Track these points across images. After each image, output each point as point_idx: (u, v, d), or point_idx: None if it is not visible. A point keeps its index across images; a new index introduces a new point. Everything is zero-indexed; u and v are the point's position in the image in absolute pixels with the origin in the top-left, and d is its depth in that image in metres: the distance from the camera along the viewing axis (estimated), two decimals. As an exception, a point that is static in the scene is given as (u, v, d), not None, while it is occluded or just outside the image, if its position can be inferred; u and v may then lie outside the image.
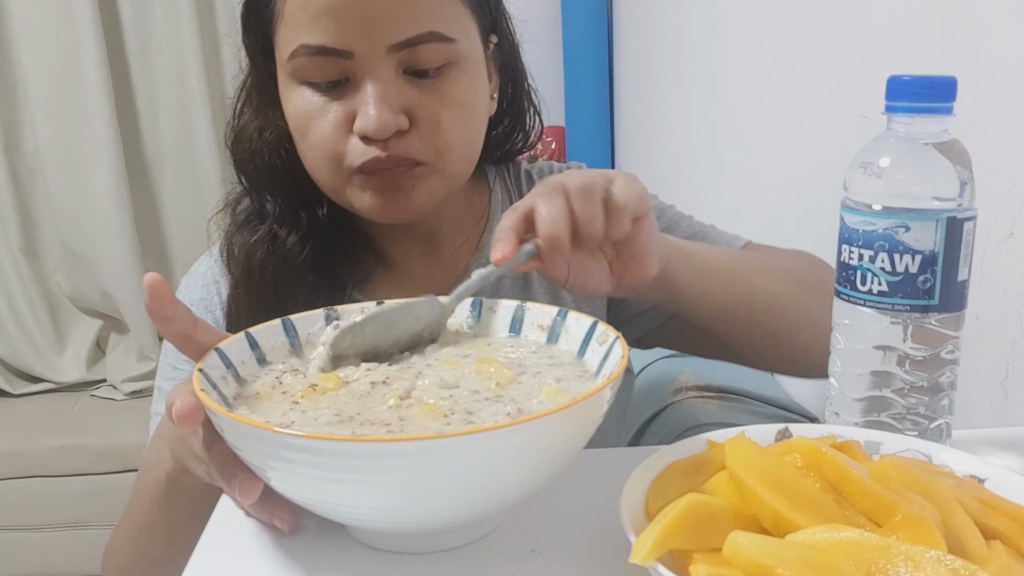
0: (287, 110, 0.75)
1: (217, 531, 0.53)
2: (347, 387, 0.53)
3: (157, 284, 0.52)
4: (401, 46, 0.69)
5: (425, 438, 0.42)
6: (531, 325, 0.60)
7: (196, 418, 0.48)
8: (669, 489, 0.45)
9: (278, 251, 0.79)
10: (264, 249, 0.79)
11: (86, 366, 2.37)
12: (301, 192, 0.79)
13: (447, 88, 0.72)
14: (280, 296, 0.77)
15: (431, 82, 0.71)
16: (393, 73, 0.70)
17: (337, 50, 0.69)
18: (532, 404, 0.49)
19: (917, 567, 0.36)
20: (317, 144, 0.72)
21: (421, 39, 0.69)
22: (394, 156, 0.71)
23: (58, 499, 2.05)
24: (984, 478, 0.47)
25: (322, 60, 0.70)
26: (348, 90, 0.71)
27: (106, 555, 0.77)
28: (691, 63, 1.73)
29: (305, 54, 0.70)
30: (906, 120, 0.52)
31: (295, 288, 0.78)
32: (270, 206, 0.81)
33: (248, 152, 0.80)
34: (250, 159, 0.80)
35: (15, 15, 2.16)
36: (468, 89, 0.74)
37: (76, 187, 2.24)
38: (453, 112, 0.72)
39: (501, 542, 0.50)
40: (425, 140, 0.72)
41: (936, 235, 0.51)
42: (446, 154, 0.73)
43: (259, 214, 0.82)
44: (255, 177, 0.81)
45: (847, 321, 0.55)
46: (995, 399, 0.82)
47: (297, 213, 0.80)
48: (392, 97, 0.70)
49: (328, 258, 0.80)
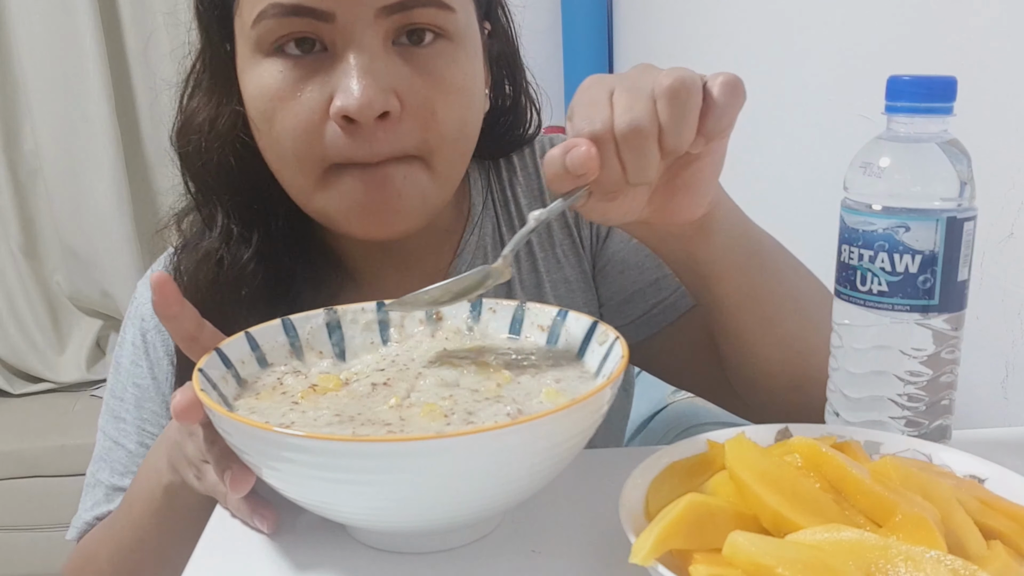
0: (248, 90, 0.63)
1: (217, 531, 0.53)
2: (347, 388, 0.53)
3: (164, 282, 0.51)
4: (392, 9, 0.59)
5: (425, 438, 0.42)
6: (531, 325, 0.60)
7: (195, 413, 0.48)
8: (669, 489, 0.45)
9: (227, 274, 0.68)
10: (211, 271, 0.68)
11: (86, 366, 2.37)
12: (256, 200, 0.68)
13: (442, 68, 0.62)
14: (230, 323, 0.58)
15: (424, 58, 0.61)
16: (380, 44, 0.60)
17: (316, 10, 0.58)
18: (532, 404, 0.49)
19: (917, 567, 0.36)
20: (288, 132, 0.61)
21: (416, 2, 0.60)
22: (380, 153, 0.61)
23: (58, 499, 2.05)
24: (984, 478, 0.47)
25: (296, 22, 0.59)
26: (325, 63, 0.60)
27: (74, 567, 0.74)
28: (691, 63, 1.73)
29: (275, 15, 0.59)
30: (906, 120, 0.52)
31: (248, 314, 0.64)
32: (220, 216, 0.69)
33: (196, 147, 0.68)
34: (198, 155, 0.68)
35: (15, 15, 2.16)
36: (465, 72, 0.64)
37: (76, 187, 2.24)
38: (450, 99, 0.62)
39: (501, 542, 0.50)
40: (418, 129, 0.61)
41: (936, 235, 0.51)
42: (442, 149, 0.63)
43: (207, 224, 0.71)
44: (203, 178, 0.69)
45: (847, 321, 0.55)
46: (995, 399, 0.82)
47: (251, 225, 0.69)
48: (380, 72, 0.59)
49: (287, 279, 0.69)
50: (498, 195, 0.80)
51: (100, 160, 2.21)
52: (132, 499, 0.67)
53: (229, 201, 0.69)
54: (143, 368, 0.76)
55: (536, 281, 0.78)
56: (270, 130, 0.63)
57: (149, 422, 0.75)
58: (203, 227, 0.71)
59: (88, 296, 2.37)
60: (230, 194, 0.69)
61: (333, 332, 0.59)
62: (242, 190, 0.69)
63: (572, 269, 0.79)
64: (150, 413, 0.76)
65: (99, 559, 0.71)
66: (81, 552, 0.74)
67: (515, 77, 0.77)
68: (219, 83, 0.67)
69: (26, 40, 2.17)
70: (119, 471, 0.76)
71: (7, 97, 2.26)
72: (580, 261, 0.79)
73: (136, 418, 0.76)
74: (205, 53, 0.68)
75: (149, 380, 0.76)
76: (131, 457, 0.76)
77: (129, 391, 0.76)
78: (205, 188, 0.70)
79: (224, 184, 0.69)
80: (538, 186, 0.80)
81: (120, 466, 0.76)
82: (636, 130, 0.49)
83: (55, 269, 2.38)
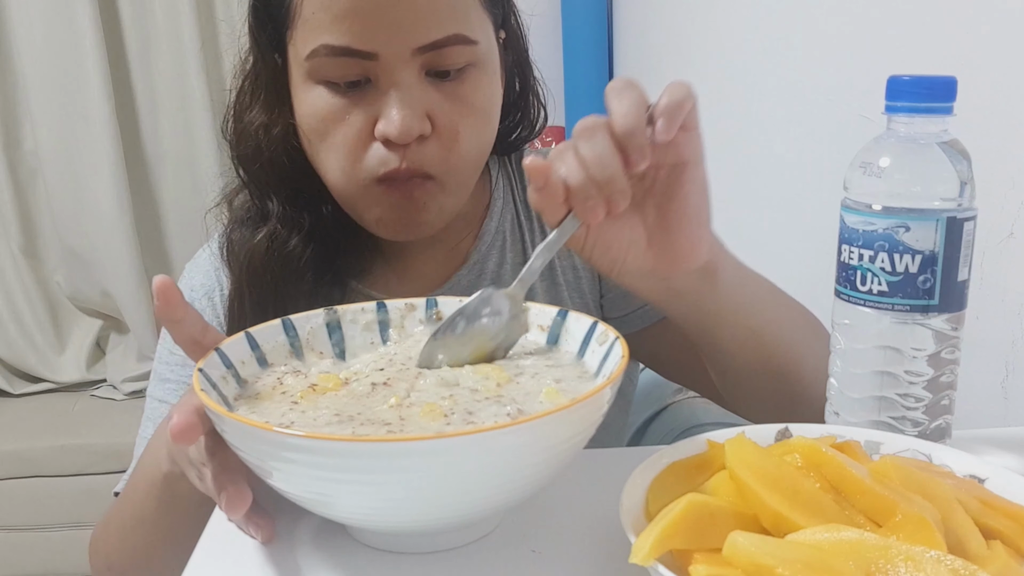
0: (301, 110, 0.73)
1: (217, 531, 0.53)
2: (347, 387, 0.53)
3: (167, 287, 0.52)
4: (426, 49, 0.68)
5: (425, 438, 0.42)
6: (531, 325, 0.60)
7: (192, 435, 0.48)
8: (669, 489, 0.45)
9: (280, 252, 0.77)
10: (266, 249, 0.77)
11: (86, 366, 2.37)
12: (305, 191, 0.77)
13: (468, 92, 0.71)
14: (281, 294, 0.76)
15: (452, 85, 0.70)
16: (416, 76, 0.69)
17: (361, 51, 0.67)
18: (532, 405, 0.49)
19: (917, 567, 0.36)
20: (337, 148, 0.71)
21: (447, 42, 0.68)
22: (412, 168, 0.70)
23: (58, 499, 2.05)
24: (984, 478, 0.47)
25: (344, 61, 0.68)
26: (369, 92, 0.69)
27: (93, 548, 0.76)
28: (691, 63, 1.73)
29: (326, 54, 0.68)
30: (906, 120, 0.52)
31: (296, 286, 0.76)
32: (272, 205, 0.79)
33: (253, 148, 0.77)
34: (255, 156, 0.77)
35: (15, 15, 2.16)
36: (487, 93, 0.73)
37: (76, 187, 2.24)
38: (471, 120, 0.71)
39: (501, 542, 0.50)
40: (443, 149, 0.71)
41: (936, 235, 0.51)
42: (460, 170, 0.72)
43: (260, 212, 0.80)
44: (259, 175, 0.78)
45: (847, 321, 0.55)
46: (995, 399, 0.82)
47: (300, 213, 0.78)
48: (416, 101, 0.68)
49: (329, 256, 0.79)
50: (518, 191, 0.88)
51: (100, 160, 2.21)
52: (137, 480, 0.69)
53: (283, 192, 0.78)
54: None
55: (549, 266, 0.84)
56: (320, 145, 0.72)
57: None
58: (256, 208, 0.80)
59: (88, 296, 2.37)
60: (283, 187, 0.78)
61: (333, 332, 0.60)
62: (293, 183, 0.77)
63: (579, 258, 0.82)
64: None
65: (110, 529, 0.74)
66: (106, 516, 0.77)
67: (525, 76, 0.84)
68: (272, 95, 0.75)
69: (26, 40, 2.17)
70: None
71: (7, 97, 2.26)
72: None
73: (182, 376, 0.80)
74: (258, 64, 0.76)
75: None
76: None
77: (177, 354, 0.80)
78: (260, 181, 0.79)
79: (278, 179, 0.78)
80: None
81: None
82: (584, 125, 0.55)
83: (55, 269, 2.38)
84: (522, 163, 0.60)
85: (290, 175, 0.77)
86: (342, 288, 0.79)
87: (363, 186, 0.72)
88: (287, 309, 0.59)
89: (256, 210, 0.80)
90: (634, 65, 2.18)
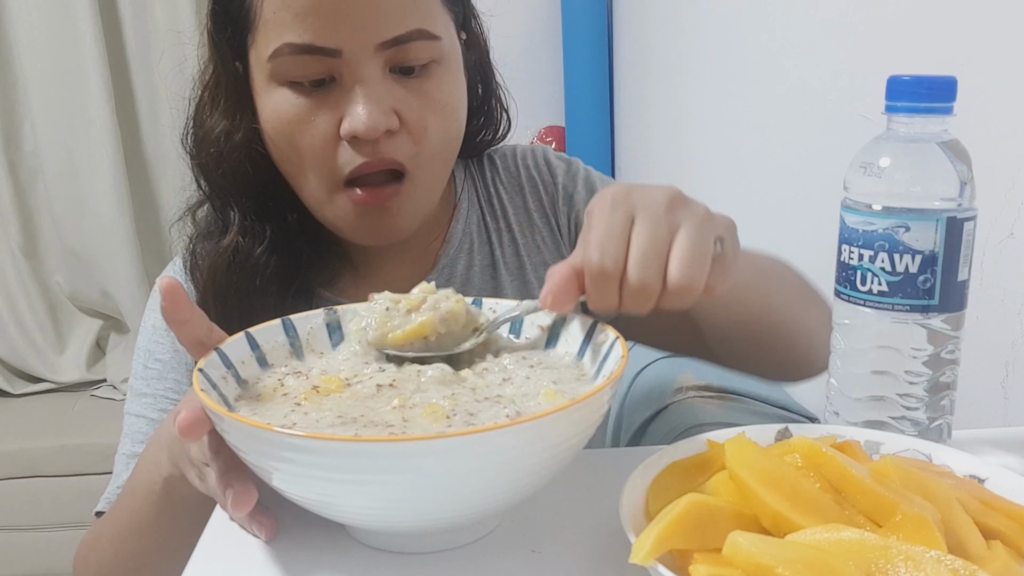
0: (264, 114, 0.71)
1: (217, 531, 0.53)
2: (350, 389, 0.53)
3: (173, 288, 0.51)
4: (389, 44, 0.68)
5: (426, 438, 0.42)
6: (531, 326, 0.60)
7: (199, 430, 0.48)
8: (669, 489, 0.45)
9: (243, 264, 0.76)
10: (228, 263, 0.76)
11: (86, 366, 2.37)
12: (269, 198, 0.76)
13: (432, 88, 0.71)
14: (246, 307, 0.74)
15: (417, 82, 0.70)
16: (380, 72, 0.69)
17: (325, 48, 0.67)
18: (531, 406, 0.49)
19: (917, 567, 0.36)
20: (306, 152, 0.70)
21: (410, 37, 0.68)
22: (384, 159, 0.69)
23: (58, 499, 2.05)
24: (984, 478, 0.47)
25: (307, 59, 0.67)
26: (334, 91, 0.69)
27: (81, 556, 0.75)
28: (691, 63, 1.73)
29: (289, 52, 0.67)
30: (906, 120, 0.52)
31: (261, 299, 0.75)
32: (234, 214, 0.77)
33: (215, 156, 0.75)
34: (216, 164, 0.76)
35: (15, 15, 2.16)
36: (452, 90, 0.73)
37: (76, 187, 2.24)
38: (438, 115, 0.71)
39: (501, 542, 0.50)
40: (413, 143, 0.70)
41: (936, 235, 0.51)
42: (430, 161, 0.72)
43: (222, 224, 0.78)
44: (221, 183, 0.77)
45: (847, 321, 0.55)
46: (995, 399, 0.82)
47: (262, 223, 0.76)
48: (381, 96, 0.68)
49: (294, 265, 0.77)
50: (482, 191, 0.88)
51: (100, 160, 2.21)
52: (133, 487, 0.68)
53: (245, 202, 0.77)
54: (164, 345, 0.80)
55: (518, 264, 0.86)
56: (287, 149, 0.71)
57: (172, 390, 0.79)
58: (218, 219, 0.78)
59: (88, 296, 2.37)
60: (246, 196, 0.76)
61: (333, 332, 0.59)
62: (256, 192, 0.76)
63: (551, 253, 0.86)
64: (172, 382, 0.79)
65: (103, 540, 0.72)
66: (93, 530, 0.76)
67: (487, 80, 0.84)
68: (233, 100, 0.74)
69: (26, 40, 2.17)
70: (139, 440, 0.78)
71: (7, 97, 2.26)
72: (558, 247, 0.86)
73: (158, 389, 0.80)
74: (217, 70, 0.75)
75: (171, 353, 0.80)
76: (152, 425, 0.78)
77: (151, 367, 0.80)
78: (222, 191, 0.77)
79: (240, 187, 0.76)
80: (518, 184, 0.88)
81: (141, 435, 0.78)
82: (603, 271, 0.51)
83: (55, 269, 2.38)
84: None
85: (253, 182, 0.75)
86: (309, 297, 0.78)
87: (333, 190, 0.71)
88: (252, 321, 0.58)
89: (218, 222, 0.79)
90: (634, 65, 2.18)
